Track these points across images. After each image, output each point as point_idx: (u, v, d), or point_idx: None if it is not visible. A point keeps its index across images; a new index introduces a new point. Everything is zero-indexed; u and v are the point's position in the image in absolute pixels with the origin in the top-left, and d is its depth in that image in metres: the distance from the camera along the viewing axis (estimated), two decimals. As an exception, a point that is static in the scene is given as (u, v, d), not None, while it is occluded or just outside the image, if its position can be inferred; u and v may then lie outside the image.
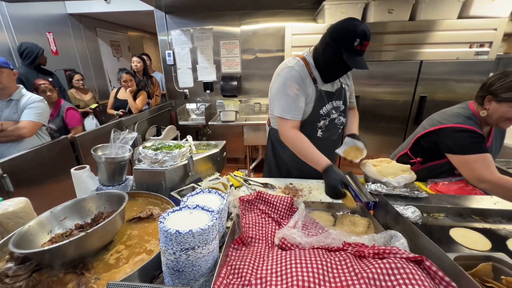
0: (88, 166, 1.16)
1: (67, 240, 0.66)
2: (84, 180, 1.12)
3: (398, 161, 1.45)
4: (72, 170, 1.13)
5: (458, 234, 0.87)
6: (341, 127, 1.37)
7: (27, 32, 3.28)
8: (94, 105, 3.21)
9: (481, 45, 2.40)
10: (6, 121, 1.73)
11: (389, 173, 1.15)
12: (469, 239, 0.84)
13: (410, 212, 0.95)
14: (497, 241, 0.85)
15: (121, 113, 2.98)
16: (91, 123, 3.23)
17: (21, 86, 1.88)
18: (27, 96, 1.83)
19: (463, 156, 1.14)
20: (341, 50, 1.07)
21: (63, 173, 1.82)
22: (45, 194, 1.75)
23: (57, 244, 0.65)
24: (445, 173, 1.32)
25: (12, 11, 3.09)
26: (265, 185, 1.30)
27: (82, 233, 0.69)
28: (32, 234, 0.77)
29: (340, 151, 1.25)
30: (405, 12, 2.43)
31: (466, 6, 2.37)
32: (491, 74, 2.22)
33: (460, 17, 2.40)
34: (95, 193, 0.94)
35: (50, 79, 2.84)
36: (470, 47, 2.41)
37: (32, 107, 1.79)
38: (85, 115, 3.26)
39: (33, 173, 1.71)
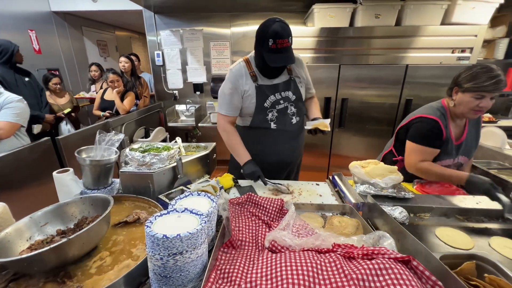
0: (71, 169, 1.11)
1: (47, 247, 0.63)
2: (67, 184, 1.08)
3: (384, 159, 1.52)
4: (54, 173, 1.09)
5: (444, 233, 0.89)
6: (294, 117, 1.40)
7: (7, 29, 3.15)
8: (67, 110, 3.05)
9: (463, 50, 2.50)
10: None
11: (377, 174, 1.17)
12: (454, 238, 0.86)
13: (397, 212, 0.97)
14: (480, 240, 0.87)
15: (107, 114, 2.90)
16: (64, 129, 3.06)
17: None
18: (4, 96, 1.74)
19: (412, 143, 1.29)
20: (262, 50, 1.19)
21: (45, 177, 1.74)
22: (25, 199, 1.67)
23: (36, 252, 0.62)
24: None
25: (-9, 7, 2.96)
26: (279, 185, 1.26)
27: (64, 239, 0.66)
28: (9, 241, 0.73)
29: (308, 126, 1.32)
30: (391, 17, 2.50)
31: (448, 12, 2.46)
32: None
33: (443, 23, 2.49)
34: (79, 197, 0.90)
35: (27, 79, 2.72)
36: (453, 52, 2.51)
37: (10, 107, 1.70)
38: (59, 120, 3.05)
39: (13, 177, 1.62)
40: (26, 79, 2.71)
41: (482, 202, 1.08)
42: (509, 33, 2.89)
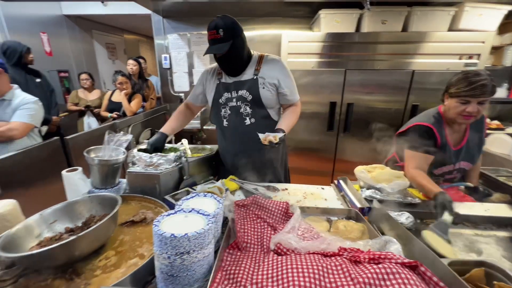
0: (80, 168, 1.13)
1: (57, 244, 0.64)
2: (76, 183, 1.10)
3: (387, 164, 1.50)
4: (63, 172, 1.11)
5: (429, 235, 0.86)
6: (248, 118, 1.36)
7: (21, 32, 3.24)
8: (86, 105, 3.28)
9: (470, 57, 2.48)
10: None
11: (383, 179, 1.17)
12: (437, 243, 0.83)
13: (404, 218, 0.96)
14: (489, 247, 0.86)
15: (115, 115, 2.95)
16: (85, 122, 3.28)
17: (15, 86, 1.82)
18: (21, 97, 1.79)
19: (408, 151, 1.28)
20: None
21: (53, 175, 1.75)
22: (34, 197, 1.68)
23: (46, 248, 0.63)
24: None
25: (6, 10, 3.04)
26: (268, 187, 1.30)
27: (73, 237, 0.67)
28: (19, 237, 0.74)
29: (260, 135, 1.21)
30: (398, 23, 2.51)
31: (456, 19, 2.46)
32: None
33: (450, 29, 2.49)
34: (87, 196, 0.92)
35: (38, 80, 2.79)
36: (460, 58, 2.49)
37: (25, 108, 1.74)
38: (82, 114, 3.30)
39: (22, 175, 1.65)
40: (37, 80, 2.78)
41: (490, 209, 1.07)
42: (517, 40, 2.87)
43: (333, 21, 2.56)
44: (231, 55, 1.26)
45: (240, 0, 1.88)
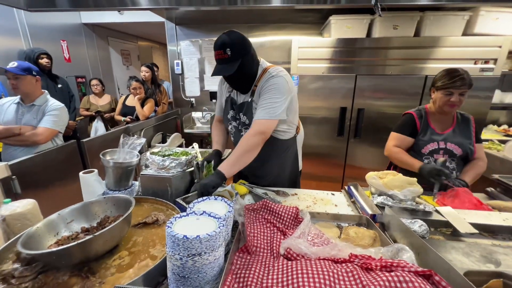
0: (96, 170, 1.17)
1: (75, 243, 0.66)
2: (92, 184, 1.14)
3: (391, 164, 1.63)
4: (80, 173, 1.15)
5: None
6: None
7: (43, 40, 3.41)
8: (97, 110, 3.41)
9: (486, 61, 2.41)
10: (25, 126, 1.77)
11: (395, 185, 1.15)
12: None
13: (417, 226, 0.94)
14: (507, 258, 0.83)
15: (128, 119, 3.04)
16: (94, 126, 3.41)
17: (46, 92, 1.90)
18: (50, 102, 1.86)
19: (392, 132, 1.56)
20: None
21: (69, 177, 1.84)
22: (52, 197, 1.76)
23: (64, 246, 0.66)
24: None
25: (30, 20, 3.23)
26: (277, 192, 1.30)
27: (89, 236, 0.69)
28: (39, 235, 0.78)
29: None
30: (410, 28, 2.48)
31: (470, 23, 2.41)
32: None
33: (464, 34, 2.44)
34: (103, 197, 0.95)
35: (60, 86, 2.93)
36: (475, 63, 2.43)
37: (51, 114, 1.82)
38: (93, 118, 3.43)
39: (41, 176, 1.73)
40: (59, 86, 2.92)
41: (509, 219, 1.02)
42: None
43: (343, 27, 2.56)
44: (240, 74, 1.18)
45: (251, 7, 1.91)
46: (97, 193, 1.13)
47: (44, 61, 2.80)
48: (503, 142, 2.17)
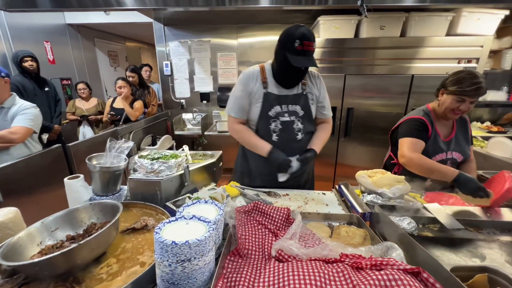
0: (82, 175, 1.14)
1: (58, 252, 0.64)
2: (78, 190, 1.10)
3: (385, 167, 1.58)
4: (65, 179, 1.11)
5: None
6: (300, 133, 1.34)
7: (25, 41, 3.30)
8: (82, 115, 3.31)
9: (469, 61, 2.50)
10: None
11: (384, 184, 1.16)
12: None
13: (406, 223, 0.96)
14: (493, 252, 0.85)
15: (113, 113, 2.98)
16: (81, 131, 3.31)
17: (14, 94, 1.86)
18: (20, 103, 1.82)
19: (403, 138, 1.38)
20: (285, 52, 1.18)
21: (55, 183, 1.78)
22: (36, 205, 1.70)
23: (47, 256, 0.63)
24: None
25: (10, 20, 3.11)
26: (269, 193, 1.30)
27: (74, 245, 0.67)
28: (21, 245, 0.74)
29: (281, 178, 1.28)
30: (396, 29, 2.53)
31: (453, 24, 2.48)
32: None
33: (448, 34, 2.51)
34: (89, 203, 0.92)
35: (47, 89, 2.85)
36: (459, 62, 2.51)
37: (24, 113, 1.77)
38: (80, 123, 3.34)
39: (24, 183, 1.66)
40: (46, 89, 2.84)
41: (492, 214, 1.06)
42: (515, 43, 2.89)
43: (332, 27, 2.59)
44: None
45: (239, 7, 1.91)
46: (84, 199, 1.10)
47: (28, 64, 2.70)
48: (486, 138, 2.25)
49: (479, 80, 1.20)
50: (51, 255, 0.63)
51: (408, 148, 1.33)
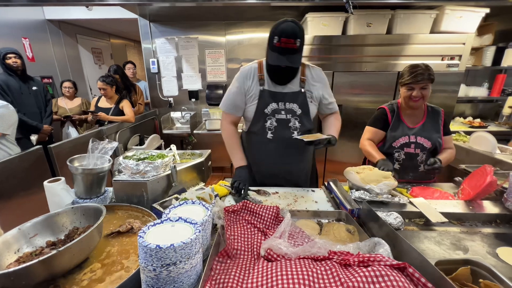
0: (63, 178, 1.09)
1: (36, 260, 0.61)
2: (59, 193, 1.06)
3: (365, 159, 1.69)
4: (45, 182, 1.06)
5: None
6: (296, 132, 1.32)
7: (1, 37, 3.13)
8: (65, 114, 3.18)
9: (452, 58, 2.57)
10: None
11: (372, 180, 1.18)
12: None
13: (392, 218, 0.97)
14: (475, 244, 0.88)
15: (93, 109, 2.90)
16: (64, 133, 3.19)
17: None
18: None
19: (367, 126, 1.62)
20: (268, 48, 1.18)
21: (36, 186, 1.70)
22: (15, 209, 1.62)
23: (24, 265, 0.60)
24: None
25: (-16, 15, 2.95)
26: (258, 191, 1.29)
27: (53, 252, 0.64)
28: (-4, 254, 0.70)
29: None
30: (382, 26, 2.57)
31: (437, 21, 2.54)
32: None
33: (432, 31, 2.57)
34: (70, 207, 0.88)
35: (35, 88, 2.72)
36: (442, 59, 2.58)
37: None
38: (63, 124, 3.20)
39: (2, 187, 1.58)
40: (34, 88, 2.70)
41: (475, 207, 1.09)
42: (495, 41, 2.99)
43: (320, 24, 2.60)
44: (297, 66, 1.17)
45: (226, 3, 1.88)
46: (65, 203, 1.05)
47: (11, 61, 2.56)
48: (468, 133, 2.32)
49: (417, 69, 1.37)
50: (28, 263, 0.60)
51: (363, 135, 1.61)
